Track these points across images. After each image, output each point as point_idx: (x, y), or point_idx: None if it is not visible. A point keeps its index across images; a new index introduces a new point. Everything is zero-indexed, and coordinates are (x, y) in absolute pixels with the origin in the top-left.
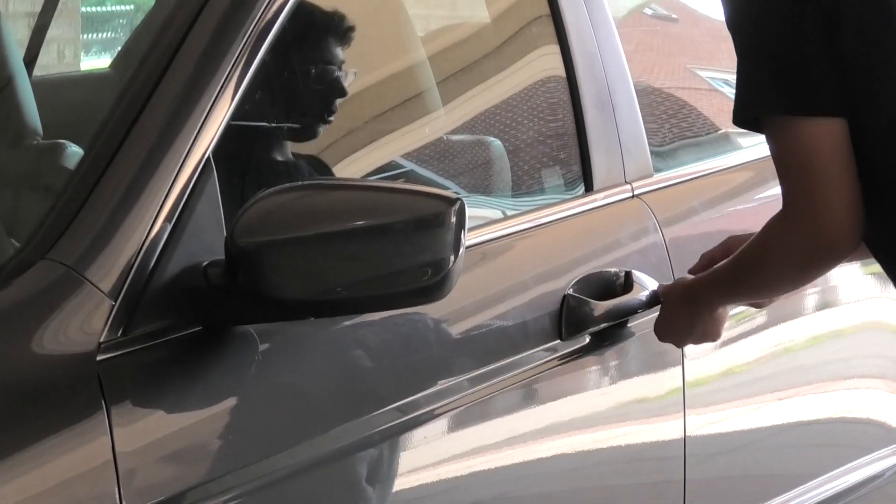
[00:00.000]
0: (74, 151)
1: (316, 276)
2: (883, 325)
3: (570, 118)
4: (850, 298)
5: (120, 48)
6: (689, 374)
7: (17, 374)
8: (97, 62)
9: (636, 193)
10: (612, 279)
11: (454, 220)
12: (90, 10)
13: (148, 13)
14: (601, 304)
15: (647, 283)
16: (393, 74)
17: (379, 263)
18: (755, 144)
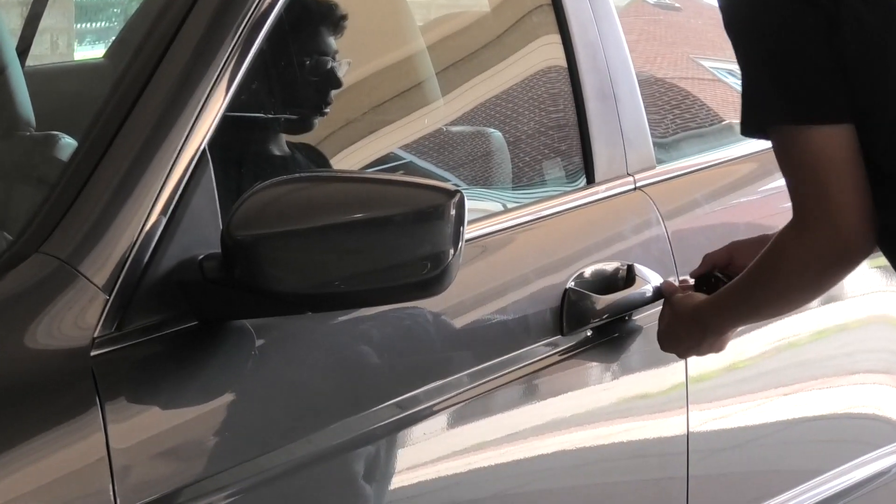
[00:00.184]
0: (68, 143)
1: (313, 269)
2: (888, 319)
3: (571, 109)
4: (855, 292)
5: (114, 38)
6: (691, 369)
7: (9, 369)
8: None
9: (638, 185)
10: (613, 273)
11: (454, 212)
12: None
13: (143, 3)
14: (603, 298)
15: (649, 276)
16: (392, 64)
17: (377, 257)
18: None
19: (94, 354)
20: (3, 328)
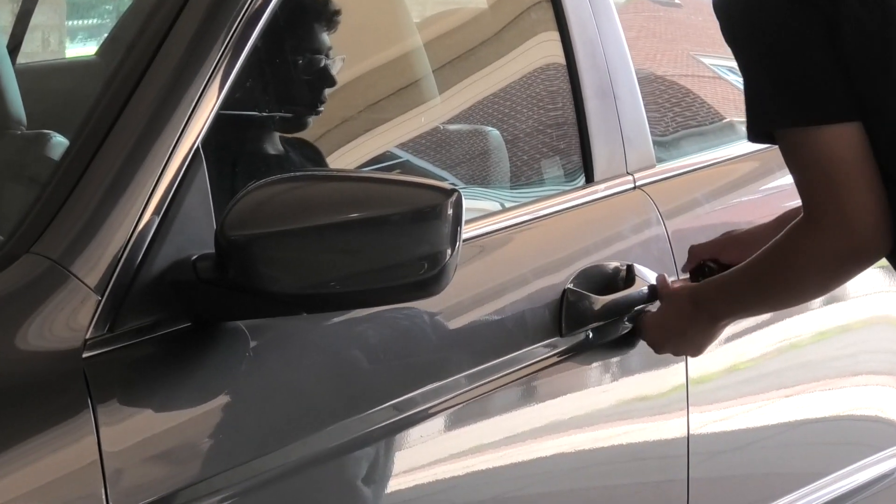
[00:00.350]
0: (59, 142)
1: (309, 269)
2: (891, 319)
3: (570, 107)
4: (857, 293)
5: (106, 35)
6: (692, 370)
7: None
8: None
9: (638, 184)
10: (613, 273)
11: (451, 212)
12: None
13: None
14: (602, 298)
15: (649, 276)
16: (388, 62)
17: (374, 257)
18: None
19: (85, 356)
20: None
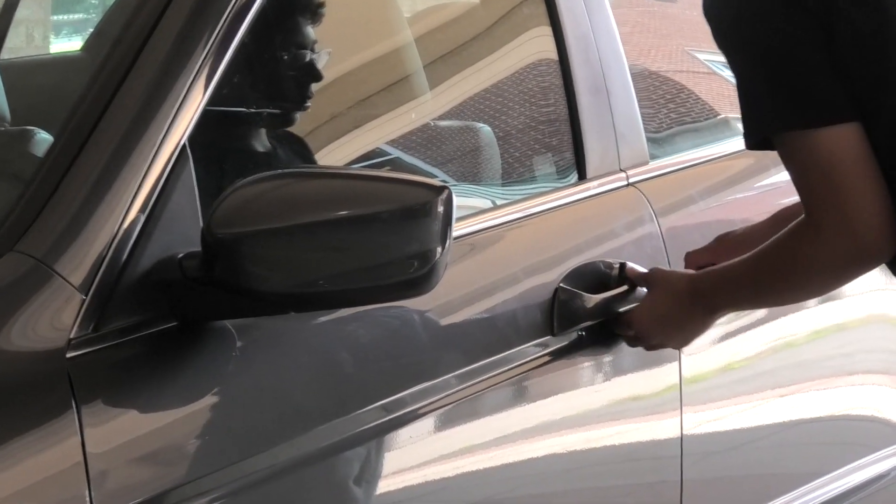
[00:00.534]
0: (44, 138)
1: (297, 268)
2: (888, 318)
3: (562, 103)
4: (853, 291)
5: (92, 30)
6: (686, 370)
7: None
8: (68, 45)
9: (631, 181)
10: (605, 271)
11: (441, 209)
12: None
13: None
14: (594, 297)
15: None
16: (378, 57)
17: (363, 255)
18: None
19: (70, 356)
20: None
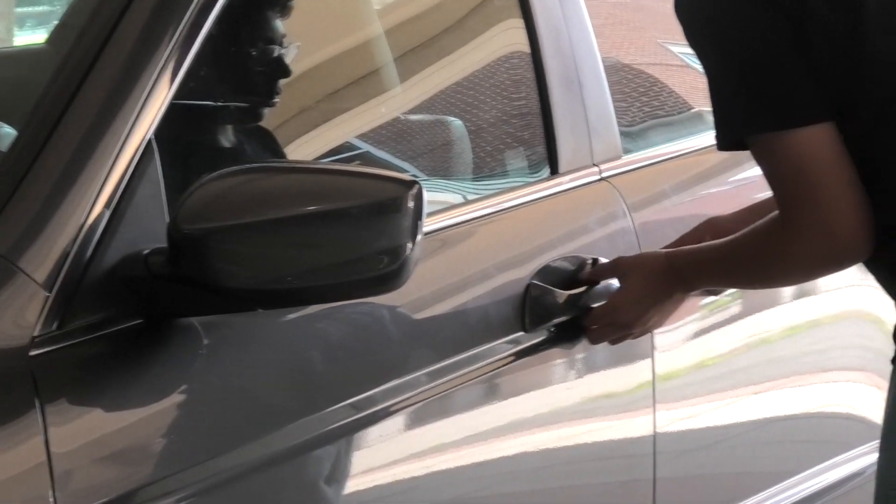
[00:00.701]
0: (7, 132)
1: (265, 264)
2: (863, 314)
3: (534, 97)
4: (828, 286)
5: (56, 23)
6: (659, 366)
7: None
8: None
9: (604, 176)
10: (578, 267)
11: (412, 204)
12: None
13: None
14: (566, 293)
15: None
16: (348, 50)
17: (332, 251)
18: None
19: (33, 354)
20: None
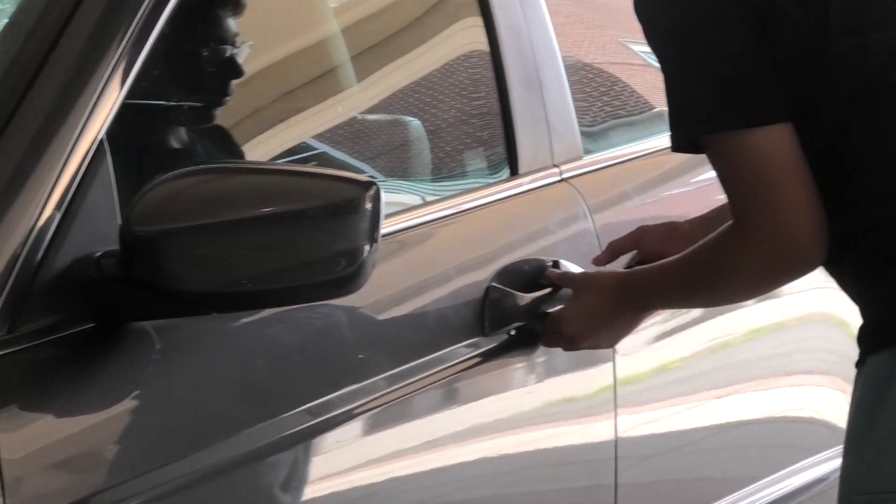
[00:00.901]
0: None
1: (219, 267)
2: (827, 316)
3: (494, 96)
4: (791, 289)
5: (5, 21)
6: (620, 370)
7: None
8: None
9: (565, 177)
10: (538, 269)
11: (369, 206)
12: None
13: None
14: (526, 296)
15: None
16: (303, 48)
17: (287, 253)
18: None
19: None
20: None
